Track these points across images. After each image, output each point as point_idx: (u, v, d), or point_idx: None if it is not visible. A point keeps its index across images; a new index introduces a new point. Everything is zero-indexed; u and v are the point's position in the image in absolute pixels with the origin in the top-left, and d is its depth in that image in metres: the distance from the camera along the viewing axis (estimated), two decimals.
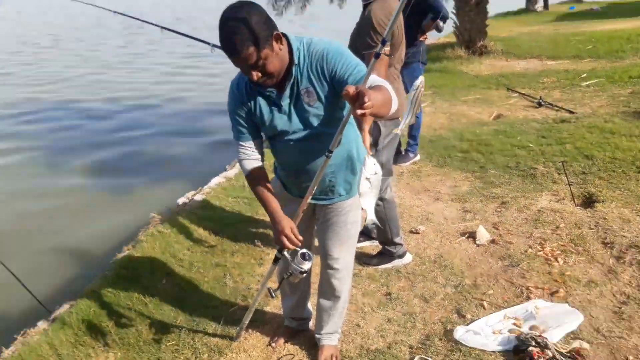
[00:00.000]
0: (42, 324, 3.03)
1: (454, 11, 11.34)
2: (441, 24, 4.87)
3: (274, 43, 1.83)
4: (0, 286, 3.73)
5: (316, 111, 2.00)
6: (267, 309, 3.05)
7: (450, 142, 5.71)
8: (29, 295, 3.28)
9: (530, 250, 3.38)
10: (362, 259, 3.48)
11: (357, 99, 1.54)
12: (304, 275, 2.20)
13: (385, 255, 3.43)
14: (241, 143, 2.12)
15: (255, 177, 2.15)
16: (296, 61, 1.92)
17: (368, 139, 2.95)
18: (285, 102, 1.98)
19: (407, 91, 4.84)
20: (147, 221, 4.28)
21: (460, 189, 4.53)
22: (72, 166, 6.67)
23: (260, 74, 1.85)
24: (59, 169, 6.56)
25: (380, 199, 3.23)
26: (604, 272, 3.05)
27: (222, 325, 2.89)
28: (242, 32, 1.75)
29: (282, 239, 2.10)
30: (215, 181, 5.01)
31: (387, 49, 1.81)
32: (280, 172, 2.31)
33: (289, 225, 2.10)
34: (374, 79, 1.86)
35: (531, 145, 5.30)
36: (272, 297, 2.35)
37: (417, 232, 3.83)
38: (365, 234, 3.75)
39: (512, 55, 10.95)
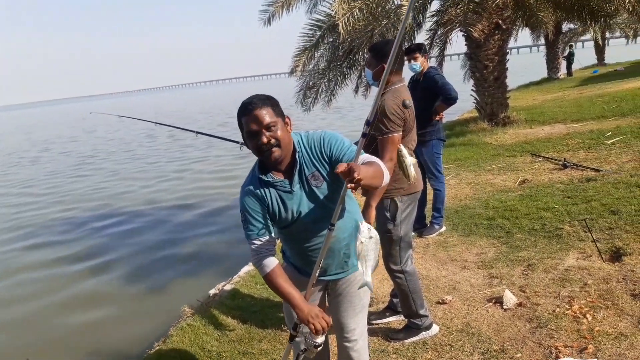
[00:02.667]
0: None
1: (474, 88, 11.67)
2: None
3: (285, 122, 2.10)
4: None
5: (324, 191, 2.17)
6: None
7: (476, 211, 5.71)
8: None
9: (558, 309, 3.29)
10: (388, 334, 3.45)
11: (349, 174, 1.71)
12: (318, 349, 2.24)
13: (412, 329, 3.38)
14: (258, 240, 2.18)
15: (276, 273, 2.20)
16: (298, 149, 2.13)
17: (373, 214, 3.05)
18: (296, 188, 2.14)
19: (425, 168, 5.01)
20: (179, 315, 4.39)
21: (487, 255, 4.48)
22: (107, 265, 7.00)
23: (269, 138, 2.03)
24: (96, 269, 6.85)
25: (402, 271, 3.26)
26: (633, 323, 2.92)
27: None
28: (262, 98, 2.07)
29: (316, 323, 2.15)
30: (244, 270, 5.12)
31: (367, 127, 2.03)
32: (291, 255, 2.40)
33: (317, 309, 2.18)
34: (366, 156, 2.07)
35: (557, 206, 5.25)
36: None
37: (444, 303, 3.78)
38: (391, 309, 3.74)
39: (536, 123, 11.03)
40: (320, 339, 2.22)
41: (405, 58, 5.13)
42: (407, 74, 5.25)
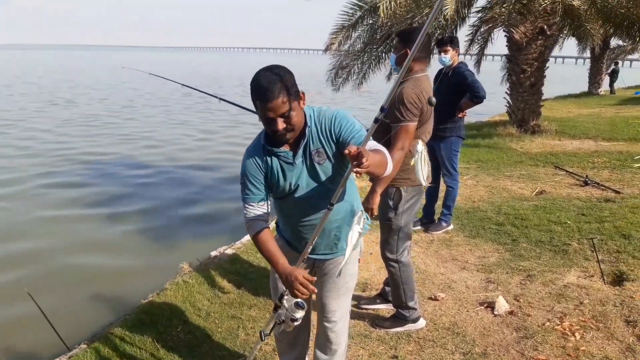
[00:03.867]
0: None
1: (508, 91, 11.45)
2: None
3: (300, 99, 2.05)
4: (29, 320, 3.98)
5: (325, 169, 2.16)
6: None
7: (487, 215, 5.66)
8: (53, 331, 3.48)
9: (548, 323, 3.26)
10: (375, 320, 3.47)
11: (357, 158, 1.70)
12: (295, 323, 2.26)
13: (398, 319, 3.40)
14: (251, 204, 2.21)
15: (265, 236, 2.22)
16: (309, 124, 2.11)
17: (377, 200, 3.05)
18: (298, 161, 2.14)
19: (441, 164, 4.96)
20: (177, 271, 4.47)
21: (488, 260, 4.45)
22: (122, 214, 7.19)
23: (284, 125, 2.01)
24: (110, 214, 7.04)
25: (397, 261, 3.26)
26: (621, 349, 2.89)
27: None
28: (277, 82, 1.95)
29: (299, 287, 2.11)
30: (247, 237, 5.17)
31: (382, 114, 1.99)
32: (285, 228, 2.41)
33: (301, 273, 2.13)
34: (374, 143, 2.04)
35: (569, 222, 5.16)
36: (262, 339, 2.40)
37: (435, 299, 3.78)
38: (382, 296, 3.76)
39: (566, 135, 10.80)
40: (299, 314, 2.21)
41: (437, 49, 5.05)
42: (436, 66, 5.20)
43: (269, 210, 2.26)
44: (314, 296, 2.52)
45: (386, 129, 3.08)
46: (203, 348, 3.27)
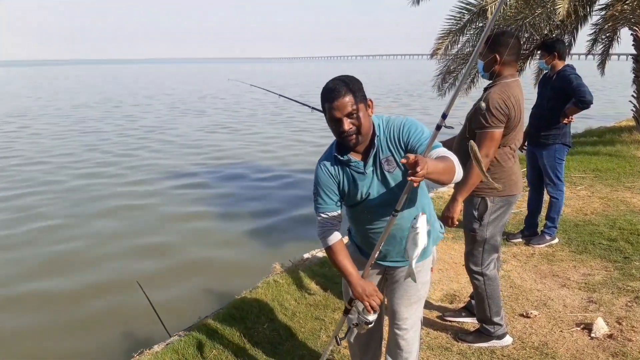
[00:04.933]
0: (157, 347, 3.48)
1: (634, 94, 10.44)
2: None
3: (367, 105, 2.12)
4: (141, 308, 4.40)
5: (395, 177, 2.18)
6: None
7: (599, 229, 5.22)
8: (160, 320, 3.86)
9: None
10: (458, 334, 3.38)
11: (412, 166, 1.71)
12: (369, 326, 2.30)
13: (482, 334, 3.28)
14: (325, 214, 2.27)
15: (337, 248, 2.30)
16: (377, 133, 2.16)
17: (458, 208, 2.97)
18: (369, 170, 2.19)
19: (544, 173, 4.68)
20: (270, 270, 4.68)
21: (594, 277, 4.12)
22: (235, 213, 7.84)
23: (351, 125, 2.07)
24: (224, 213, 7.58)
25: (482, 274, 3.16)
26: None
27: None
28: (343, 85, 2.06)
29: (369, 299, 2.24)
30: None
31: (445, 121, 1.96)
32: (356, 235, 2.46)
33: (372, 286, 2.26)
34: (443, 150, 2.06)
35: None
36: (338, 344, 2.47)
37: (527, 316, 3.58)
38: (468, 310, 3.65)
39: None
40: (371, 317, 2.28)
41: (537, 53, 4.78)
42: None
43: (341, 219, 2.32)
44: (386, 300, 2.55)
45: (473, 135, 3.00)
46: (285, 346, 3.40)
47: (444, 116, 1.97)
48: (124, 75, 70.35)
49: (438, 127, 1.98)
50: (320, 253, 4.92)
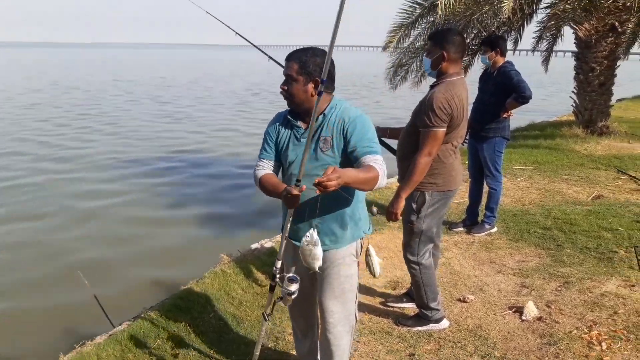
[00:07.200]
0: (99, 338, 3.45)
1: (574, 90, 10.94)
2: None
3: (309, 82, 2.24)
4: (85, 299, 4.33)
5: (326, 158, 2.27)
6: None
7: (534, 218, 5.49)
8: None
9: (575, 331, 3.17)
10: (398, 319, 3.51)
11: (320, 184, 1.89)
12: (292, 297, 2.31)
13: (421, 319, 3.42)
14: (263, 160, 2.43)
15: (267, 177, 2.37)
16: (327, 113, 2.27)
17: (401, 205, 3.07)
18: (304, 140, 2.29)
19: (484, 165, 4.87)
20: (218, 260, 4.69)
21: (527, 264, 4.35)
22: (183, 199, 7.84)
23: (285, 88, 2.28)
24: (172, 202, 7.49)
25: (417, 263, 3.27)
26: None
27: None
28: (302, 53, 2.27)
29: (289, 189, 2.15)
30: None
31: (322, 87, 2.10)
32: (282, 207, 2.44)
33: (292, 190, 2.15)
34: (372, 159, 2.18)
35: (621, 228, 4.93)
36: (266, 320, 2.53)
37: (464, 301, 3.75)
38: (409, 295, 3.78)
39: (636, 138, 10.18)
40: (293, 287, 2.28)
41: (481, 48, 4.97)
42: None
43: (277, 171, 2.44)
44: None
45: (417, 132, 3.10)
46: (231, 335, 3.44)
47: (323, 81, 2.11)
48: None
49: (320, 93, 2.12)
50: (269, 243, 4.97)
